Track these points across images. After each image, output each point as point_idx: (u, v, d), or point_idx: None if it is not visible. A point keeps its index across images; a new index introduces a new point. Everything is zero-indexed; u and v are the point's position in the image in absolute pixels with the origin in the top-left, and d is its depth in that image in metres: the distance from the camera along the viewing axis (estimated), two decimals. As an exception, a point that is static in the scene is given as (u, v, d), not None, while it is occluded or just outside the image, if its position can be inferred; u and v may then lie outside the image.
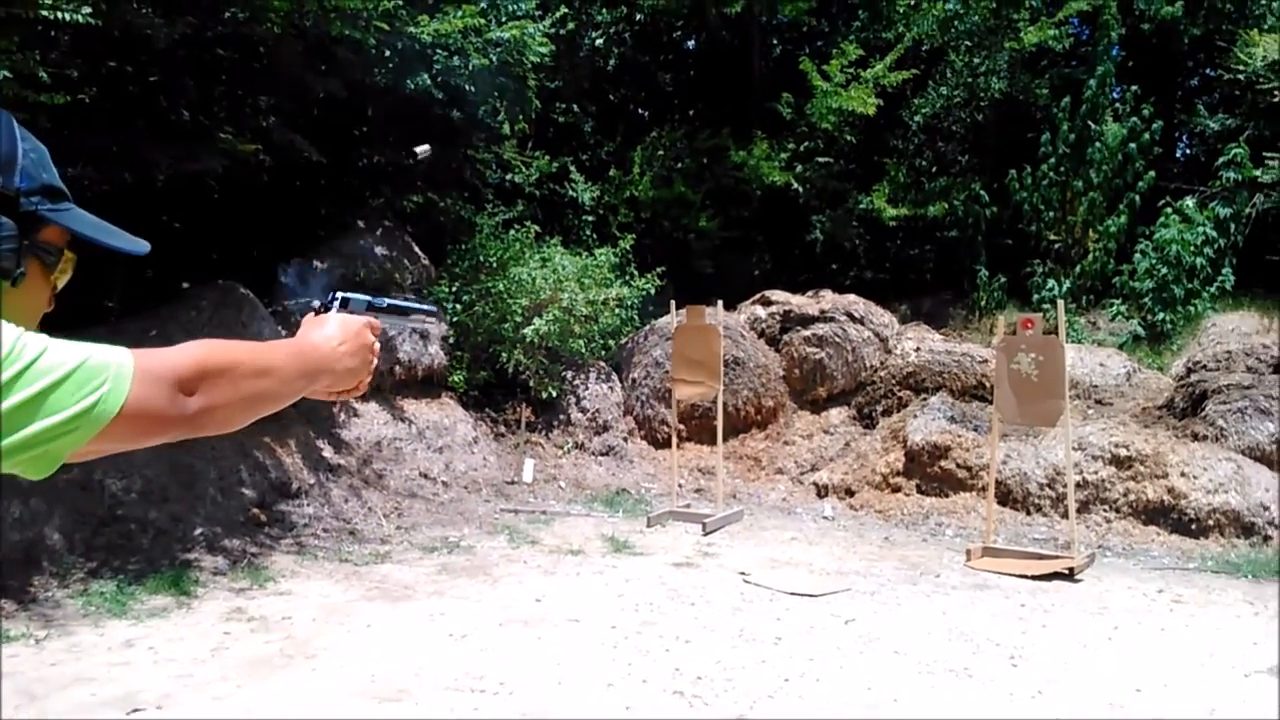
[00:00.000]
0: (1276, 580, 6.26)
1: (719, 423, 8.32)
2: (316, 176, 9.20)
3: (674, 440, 8.81)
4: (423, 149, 6.73)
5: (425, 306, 1.57)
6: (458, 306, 9.73)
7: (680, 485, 8.84)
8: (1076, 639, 5.14)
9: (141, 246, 1.17)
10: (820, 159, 12.99)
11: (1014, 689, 4.42)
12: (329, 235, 9.49)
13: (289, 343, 1.25)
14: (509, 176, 11.77)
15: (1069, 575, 6.31)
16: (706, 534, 7.52)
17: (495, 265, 9.84)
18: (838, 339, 10.16)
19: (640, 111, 14.93)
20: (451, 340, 9.52)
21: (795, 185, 12.59)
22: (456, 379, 9.44)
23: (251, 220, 9.15)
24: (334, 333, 1.30)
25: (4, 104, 5.33)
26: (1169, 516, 7.31)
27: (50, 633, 4.85)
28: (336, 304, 1.36)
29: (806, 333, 10.28)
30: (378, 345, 1.38)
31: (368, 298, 1.43)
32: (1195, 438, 7.84)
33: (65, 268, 1.12)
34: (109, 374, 0.96)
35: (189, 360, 1.04)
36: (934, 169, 14.05)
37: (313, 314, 1.34)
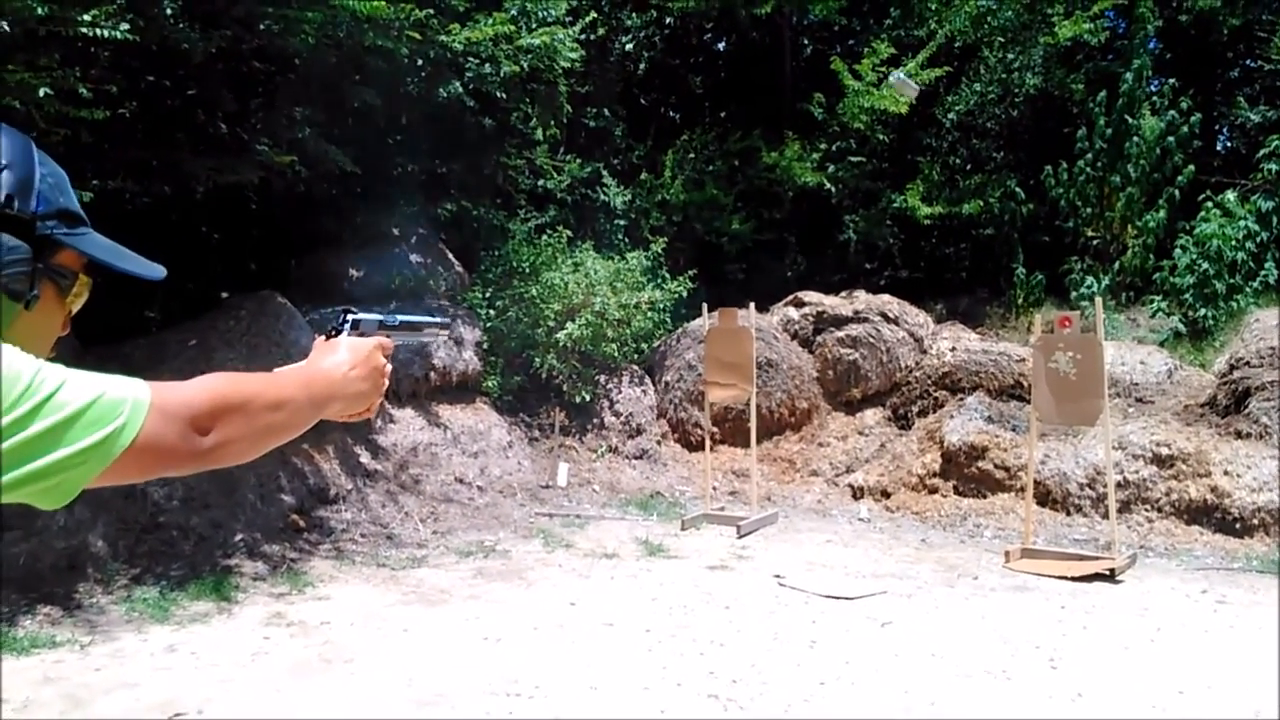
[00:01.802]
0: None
1: (752, 425, 8.30)
2: (352, 185, 9.31)
3: (707, 443, 8.80)
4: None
5: (437, 320, 1.58)
6: (491, 312, 9.80)
7: (714, 488, 8.83)
8: (1118, 641, 5.08)
9: (156, 271, 1.17)
10: (853, 158, 12.92)
11: (1053, 692, 4.37)
12: (364, 244, 9.60)
13: (299, 371, 1.25)
14: (541, 182, 11.82)
15: (1110, 576, 6.22)
16: (741, 537, 7.50)
17: (528, 270, 9.90)
18: (872, 339, 10.10)
19: (671, 114, 14.95)
20: (485, 345, 9.58)
21: (828, 185, 12.54)
22: (490, 384, 9.50)
23: (289, 230, 9.28)
24: (344, 358, 1.30)
25: (46, 120, 5.45)
26: (1212, 516, 7.19)
27: (94, 638, 4.94)
28: (347, 327, 1.35)
29: (840, 334, 10.23)
30: (389, 366, 1.38)
31: (379, 316, 1.43)
32: (1238, 435, 7.70)
33: (80, 291, 1.14)
34: (125, 408, 0.97)
35: (204, 397, 1.05)
36: (968, 166, 13.93)
37: (323, 338, 1.34)
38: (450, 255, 10.12)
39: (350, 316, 1.35)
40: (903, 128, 13.06)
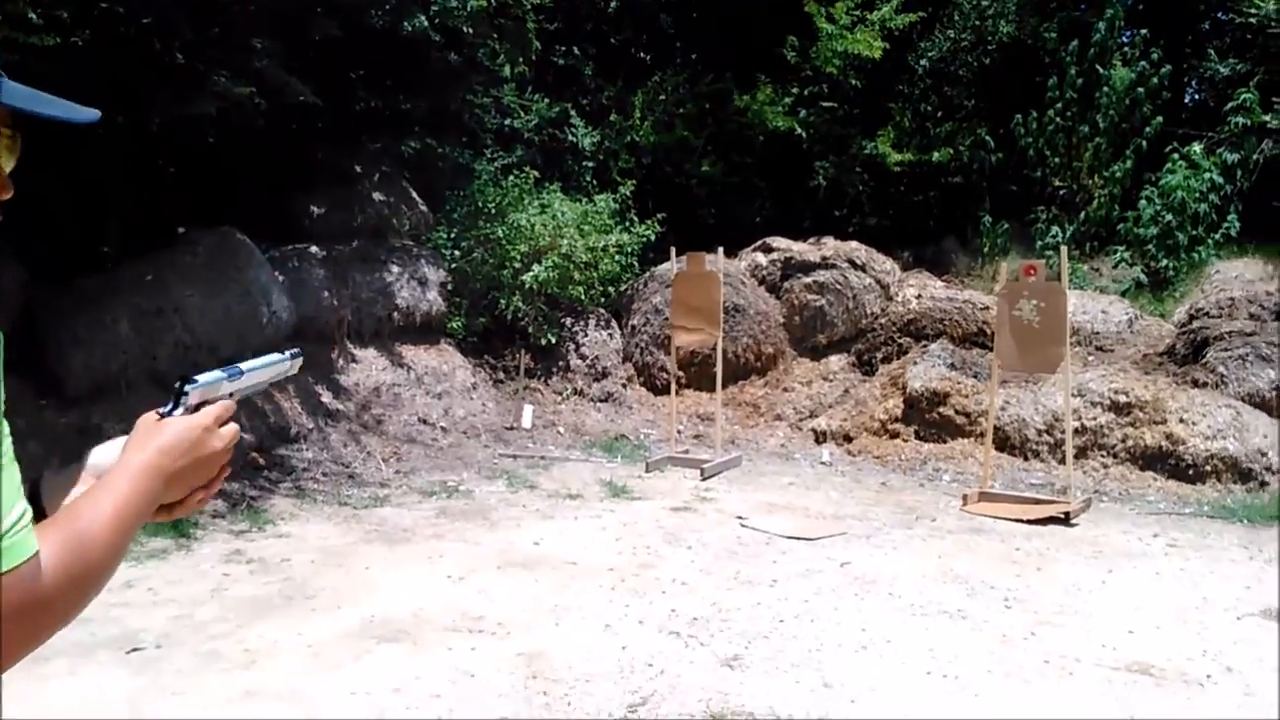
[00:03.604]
0: (1275, 525, 6.28)
1: (718, 370, 8.30)
2: (313, 120, 9.08)
3: (673, 387, 8.81)
4: None
5: (285, 356, 1.33)
6: (456, 253, 9.68)
7: (679, 431, 8.85)
8: (1071, 582, 5.18)
9: (89, 114, 1.03)
10: (824, 103, 12.82)
11: (1008, 630, 4.46)
12: (326, 180, 9.41)
13: (111, 501, 0.99)
14: (508, 121, 11.62)
15: (1065, 520, 6.34)
16: (704, 479, 7.54)
17: (494, 211, 9.77)
18: (839, 286, 10.11)
19: (642, 55, 14.68)
20: (450, 286, 9.48)
21: (799, 130, 12.44)
22: (455, 325, 9.42)
23: (248, 165, 9.06)
24: (166, 447, 1.08)
25: (-9, 43, 5.24)
26: (1166, 462, 7.32)
27: (51, 574, 4.88)
28: (180, 409, 1.13)
29: (808, 280, 10.23)
30: (228, 433, 1.16)
31: (223, 374, 1.20)
32: (1195, 384, 7.83)
33: (10, 146, 0.99)
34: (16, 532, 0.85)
35: (19, 621, 0.86)
36: (939, 114, 13.86)
37: (155, 416, 1.11)
38: (414, 194, 9.95)
39: (185, 390, 1.14)
40: (875, 73, 12.93)
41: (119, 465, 1.06)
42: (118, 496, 1.00)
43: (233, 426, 1.17)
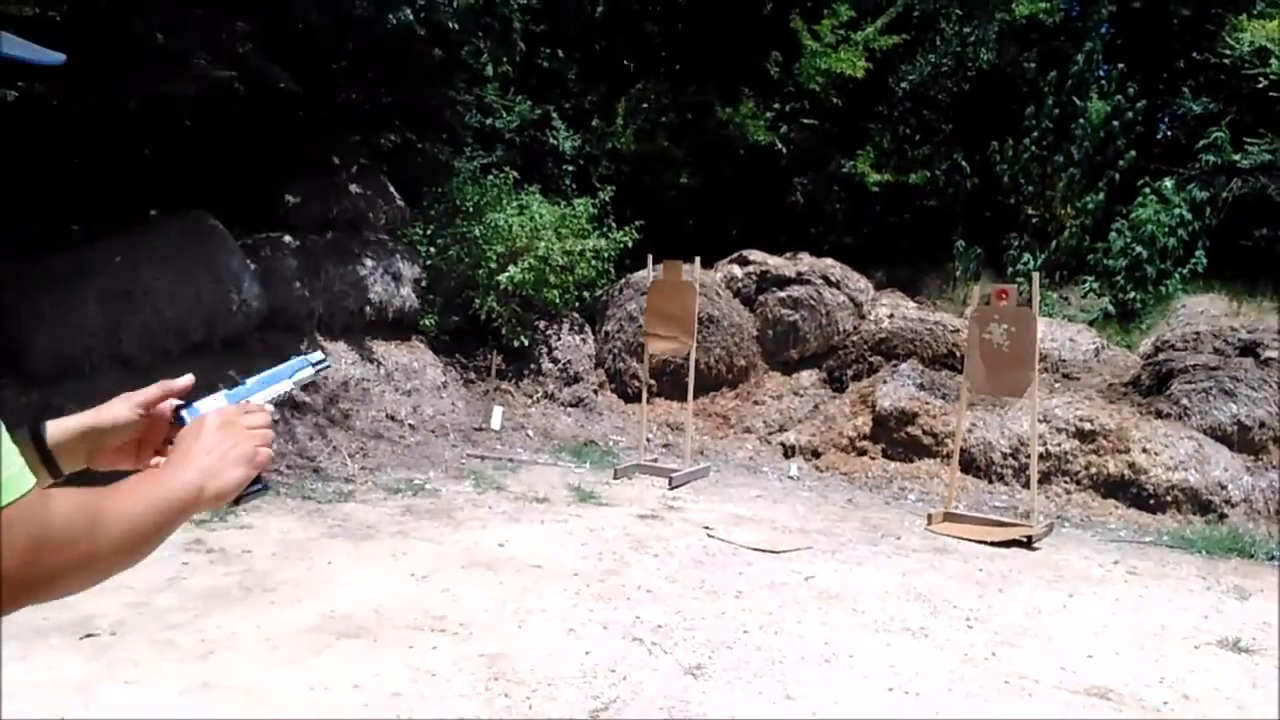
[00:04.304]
0: (1232, 557, 6.37)
1: (690, 379, 8.30)
2: (293, 108, 8.99)
3: (644, 395, 8.80)
4: None
5: (298, 364, 1.30)
6: (431, 250, 9.62)
7: (648, 439, 8.84)
8: (1032, 604, 5.21)
9: (54, 57, 0.99)
10: (805, 120, 12.90)
11: (969, 650, 4.48)
12: (303, 170, 9.31)
13: (144, 498, 0.98)
14: (489, 120, 11.58)
15: (1027, 543, 6.39)
16: (672, 488, 7.53)
17: (472, 210, 9.72)
18: (812, 301, 10.15)
19: (626, 63, 14.70)
20: (424, 283, 9.41)
21: (779, 145, 12.51)
22: (428, 323, 9.35)
23: (225, 150, 8.95)
24: (207, 468, 1.07)
25: (-33, 10, 5.13)
26: (1128, 491, 7.41)
27: (4, 555, 4.77)
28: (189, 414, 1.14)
29: (782, 294, 10.27)
30: (254, 425, 1.15)
31: (223, 395, 1.21)
32: (1159, 415, 7.93)
33: None
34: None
35: (22, 558, 0.83)
36: (918, 137, 14.00)
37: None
38: (392, 188, 9.88)
39: (184, 413, 1.15)
40: (857, 93, 13.04)
41: (168, 467, 1.07)
42: (151, 498, 0.98)
43: (262, 417, 1.18)
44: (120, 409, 1.21)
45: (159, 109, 7.73)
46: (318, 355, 1.35)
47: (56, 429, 1.16)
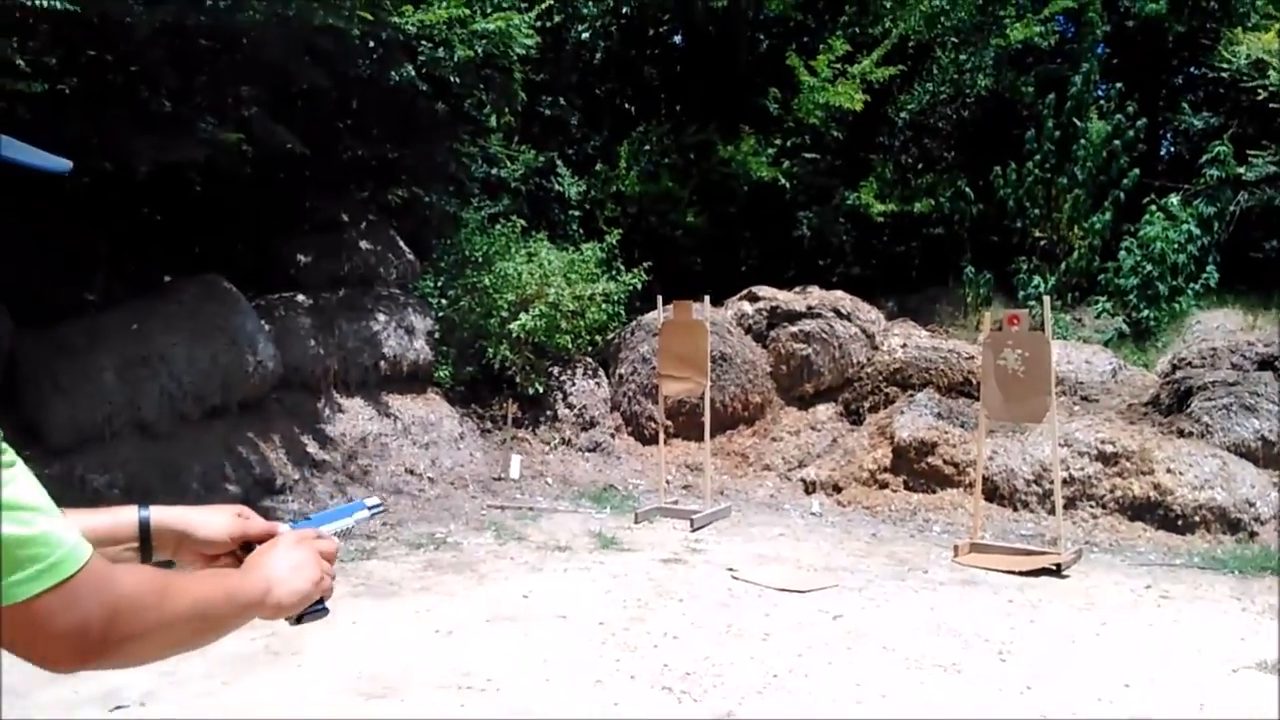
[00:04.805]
0: (1266, 576, 6.28)
1: (706, 419, 8.28)
2: (300, 169, 9.11)
3: (661, 436, 8.78)
4: None
5: (355, 507, 1.40)
6: (443, 301, 9.67)
7: (668, 482, 8.80)
8: (1064, 634, 5.14)
9: (61, 164, 1.05)
10: (807, 154, 12.96)
11: (1002, 684, 4.41)
12: (313, 229, 9.40)
13: (227, 577, 1.12)
14: (495, 170, 11.69)
15: (1056, 571, 6.31)
16: (694, 530, 7.49)
17: (481, 260, 9.78)
18: (825, 335, 10.14)
19: (626, 106, 14.86)
20: (437, 335, 9.45)
21: (782, 181, 12.56)
22: (442, 374, 9.37)
23: (234, 213, 9.06)
24: (278, 577, 1.16)
25: (-19, 91, 5.23)
26: (1155, 513, 7.33)
27: (29, 630, 4.76)
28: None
29: (794, 329, 10.26)
30: (324, 551, 1.24)
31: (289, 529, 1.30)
32: (1181, 434, 7.86)
33: None
34: (59, 552, 0.86)
35: (101, 622, 0.89)
36: (920, 165, 14.06)
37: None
38: (401, 243, 9.96)
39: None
40: (857, 125, 13.12)
41: (242, 568, 1.17)
42: (220, 586, 1.07)
43: (330, 543, 1.26)
44: (218, 519, 1.28)
45: (168, 175, 7.84)
46: (374, 500, 1.43)
47: (158, 515, 1.24)
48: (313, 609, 1.19)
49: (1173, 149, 15.09)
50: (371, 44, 8.18)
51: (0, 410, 6.12)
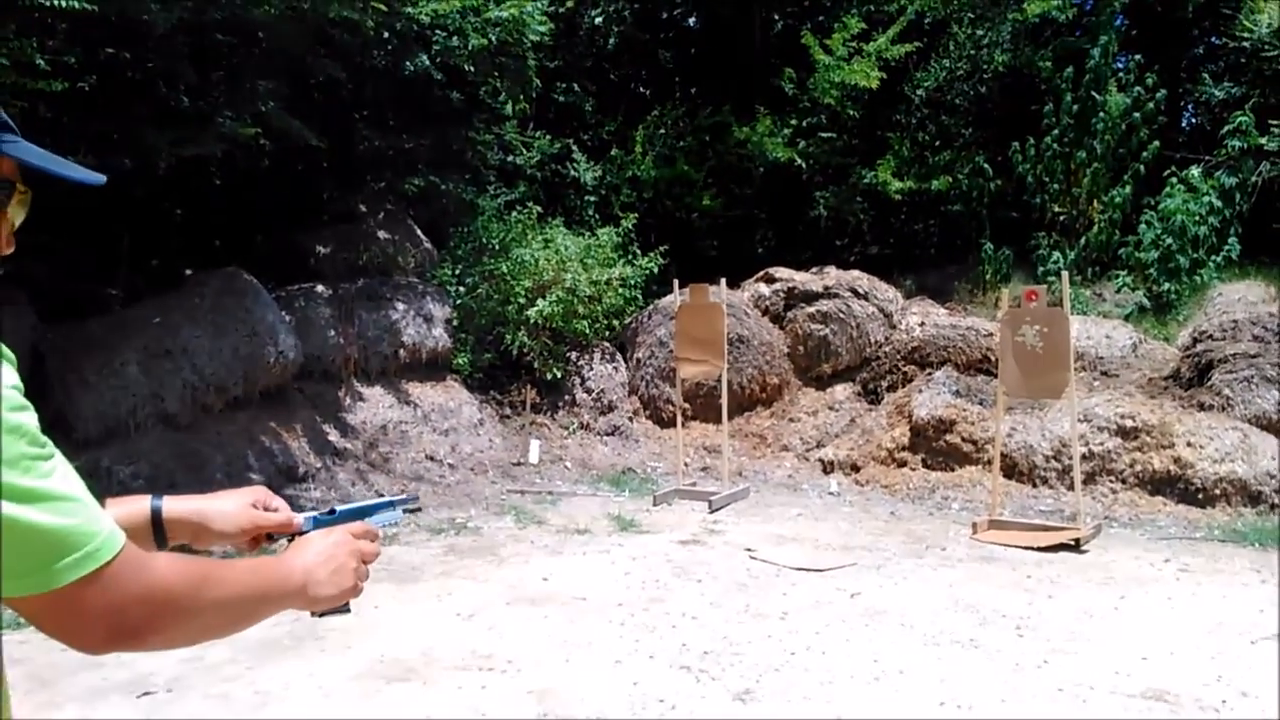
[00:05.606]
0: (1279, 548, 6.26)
1: (724, 401, 8.32)
2: (317, 160, 9.19)
3: (679, 419, 8.82)
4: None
5: (384, 503, 1.46)
6: (461, 289, 9.74)
7: (686, 464, 8.85)
8: (1083, 609, 5.15)
9: (96, 178, 1.09)
10: (823, 134, 12.91)
11: (1020, 659, 4.43)
12: (332, 219, 9.48)
13: (258, 568, 1.17)
14: (510, 158, 11.74)
15: (1075, 546, 6.31)
16: (713, 512, 7.53)
17: (498, 247, 9.84)
18: (842, 315, 10.13)
19: (641, 90, 14.85)
20: (455, 323, 9.52)
21: (798, 161, 12.53)
22: (461, 361, 9.45)
23: (253, 206, 9.16)
24: (308, 554, 1.25)
25: (2, 91, 5.32)
26: (1175, 487, 7.30)
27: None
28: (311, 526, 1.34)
29: (811, 309, 10.25)
30: (366, 553, 1.32)
31: (312, 514, 1.40)
32: (1201, 407, 7.82)
33: (20, 201, 1.05)
34: (96, 540, 0.91)
35: (167, 585, 0.97)
36: (937, 143, 13.95)
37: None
38: (419, 231, 10.03)
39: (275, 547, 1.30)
40: (873, 103, 13.04)
41: (283, 557, 1.22)
42: (258, 573, 1.13)
43: (373, 546, 1.34)
44: (233, 512, 1.35)
45: (188, 170, 7.94)
46: (404, 495, 1.51)
47: (170, 505, 1.30)
48: (338, 607, 1.28)
49: (1194, 120, 14.90)
50: (386, 35, 8.24)
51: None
